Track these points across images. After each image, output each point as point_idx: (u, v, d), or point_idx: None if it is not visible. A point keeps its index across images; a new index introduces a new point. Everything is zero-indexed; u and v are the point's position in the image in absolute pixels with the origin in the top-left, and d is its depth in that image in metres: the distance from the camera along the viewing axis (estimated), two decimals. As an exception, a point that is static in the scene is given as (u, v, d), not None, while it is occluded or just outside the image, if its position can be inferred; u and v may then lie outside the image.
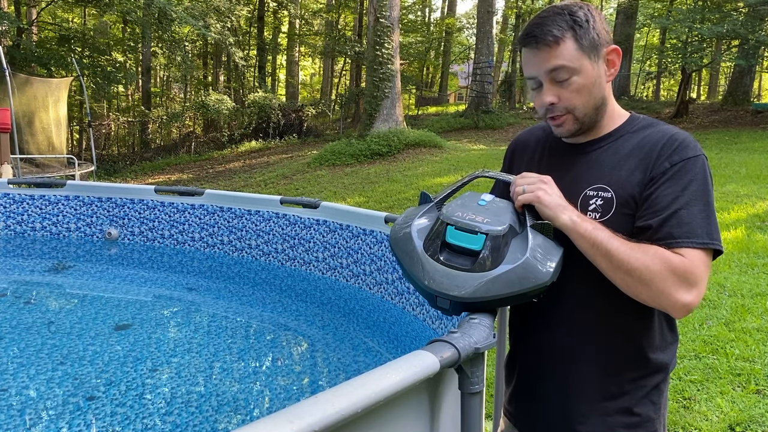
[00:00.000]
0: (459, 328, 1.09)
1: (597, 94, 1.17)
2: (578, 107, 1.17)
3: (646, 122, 1.22)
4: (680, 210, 1.08)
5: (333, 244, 4.03)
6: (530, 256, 1.11)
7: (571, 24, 1.15)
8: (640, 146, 1.17)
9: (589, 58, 1.15)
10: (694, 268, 1.06)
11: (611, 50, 1.17)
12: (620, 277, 1.09)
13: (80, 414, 2.29)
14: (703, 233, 1.07)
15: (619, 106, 1.25)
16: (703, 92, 30.36)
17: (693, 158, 1.12)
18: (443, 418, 1.10)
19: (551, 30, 1.14)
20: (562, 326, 1.23)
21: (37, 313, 3.36)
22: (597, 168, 1.19)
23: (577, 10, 1.16)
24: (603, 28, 1.17)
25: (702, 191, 1.10)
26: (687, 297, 1.05)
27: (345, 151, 12.96)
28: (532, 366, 1.31)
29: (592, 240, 1.09)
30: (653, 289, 1.06)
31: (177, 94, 28.71)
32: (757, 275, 4.50)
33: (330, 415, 0.77)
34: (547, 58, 1.15)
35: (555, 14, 1.16)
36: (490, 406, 2.30)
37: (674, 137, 1.15)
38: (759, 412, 2.70)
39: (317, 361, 3.07)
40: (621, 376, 1.19)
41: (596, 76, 1.16)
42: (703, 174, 1.12)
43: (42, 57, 17.93)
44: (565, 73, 1.15)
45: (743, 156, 10.30)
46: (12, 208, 4.77)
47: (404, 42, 25.07)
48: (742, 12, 15.55)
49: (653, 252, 1.07)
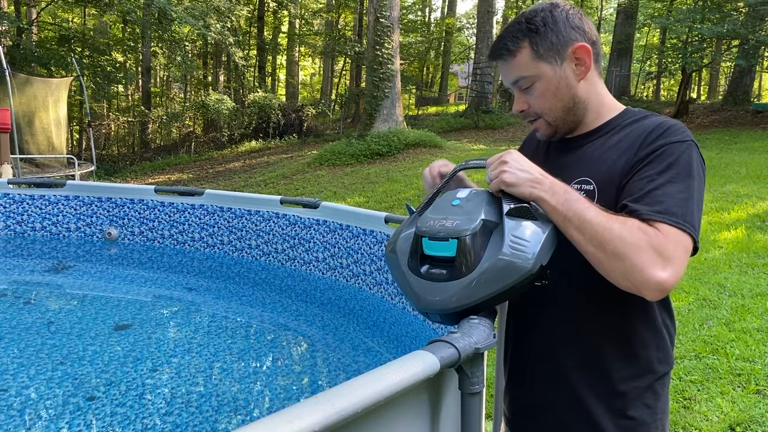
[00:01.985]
0: (459, 328, 1.09)
1: (564, 96, 1.17)
2: (546, 111, 1.19)
3: (639, 115, 1.19)
4: (655, 190, 1.04)
5: (333, 244, 4.03)
6: (506, 249, 1.04)
7: (526, 32, 1.15)
8: (628, 137, 1.14)
9: (548, 63, 1.15)
10: (669, 242, 1.00)
11: (576, 48, 1.15)
12: (593, 251, 1.02)
13: (80, 414, 2.29)
14: (679, 213, 1.02)
15: (613, 100, 1.23)
16: (703, 92, 30.36)
17: (678, 143, 1.08)
18: (443, 418, 1.10)
19: (506, 43, 1.17)
20: (548, 326, 1.22)
21: (37, 313, 3.36)
22: (584, 162, 1.18)
23: (535, 15, 1.16)
24: (570, 26, 1.15)
25: (684, 174, 1.05)
26: (662, 274, 0.98)
27: (345, 151, 12.96)
28: (520, 368, 1.31)
29: (566, 212, 1.04)
30: (626, 263, 0.99)
31: (177, 94, 28.71)
32: (757, 275, 4.50)
33: (330, 415, 0.77)
34: (508, 71, 1.19)
35: (513, 25, 1.17)
36: (490, 406, 2.30)
37: (662, 124, 1.12)
38: (759, 412, 2.70)
39: (317, 361, 3.07)
40: (611, 377, 1.16)
41: (560, 78, 1.16)
42: (688, 158, 1.07)
43: (42, 57, 17.93)
44: (525, 82, 1.17)
45: (743, 156, 10.30)
46: (12, 208, 4.77)
47: (404, 42, 25.07)
48: (742, 12, 15.55)
49: (630, 223, 1.01)
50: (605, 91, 1.22)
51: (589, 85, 1.18)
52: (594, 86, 1.19)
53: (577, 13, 1.17)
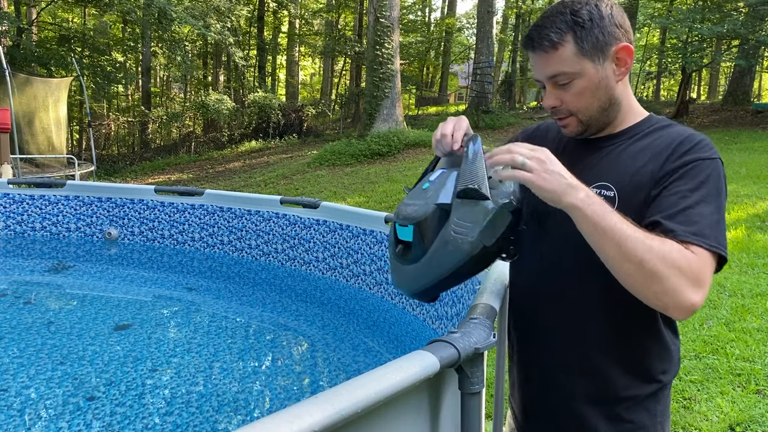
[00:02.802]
0: (459, 328, 1.09)
1: (602, 96, 1.13)
2: (581, 110, 1.14)
3: (663, 123, 1.17)
4: (689, 208, 1.02)
5: (333, 244, 4.03)
6: (449, 232, 1.05)
7: (572, 25, 1.09)
8: (653, 145, 1.12)
9: (591, 61, 1.10)
10: (704, 267, 0.99)
11: (620, 48, 1.11)
12: (629, 267, 0.98)
13: (80, 414, 2.29)
14: (712, 236, 1.00)
15: (638, 104, 1.20)
16: (703, 92, 30.36)
17: (708, 160, 1.06)
18: (443, 418, 1.10)
19: (548, 34, 1.10)
20: (551, 329, 1.22)
21: (37, 313, 3.36)
22: (605, 165, 1.15)
23: (581, 8, 1.10)
24: (614, 23, 1.11)
25: (714, 194, 1.04)
26: (695, 297, 0.98)
27: (345, 151, 12.96)
28: (523, 367, 1.31)
29: (604, 225, 0.98)
30: (665, 285, 0.96)
31: (177, 94, 28.71)
32: (757, 275, 4.50)
33: (330, 415, 0.77)
34: (546, 64, 1.12)
35: (556, 14, 1.11)
36: (490, 406, 2.30)
37: (691, 137, 1.10)
38: (759, 412, 2.70)
39: (317, 361, 3.07)
40: (612, 384, 1.16)
41: (600, 78, 1.11)
42: (717, 177, 1.06)
43: (42, 57, 17.93)
44: (564, 78, 1.12)
45: (743, 156, 10.30)
46: (12, 208, 4.77)
47: (404, 42, 25.06)
48: (742, 12, 15.56)
49: (669, 245, 0.98)
50: (631, 93, 1.20)
51: (625, 87, 1.16)
52: (626, 89, 1.17)
53: (620, 11, 1.13)
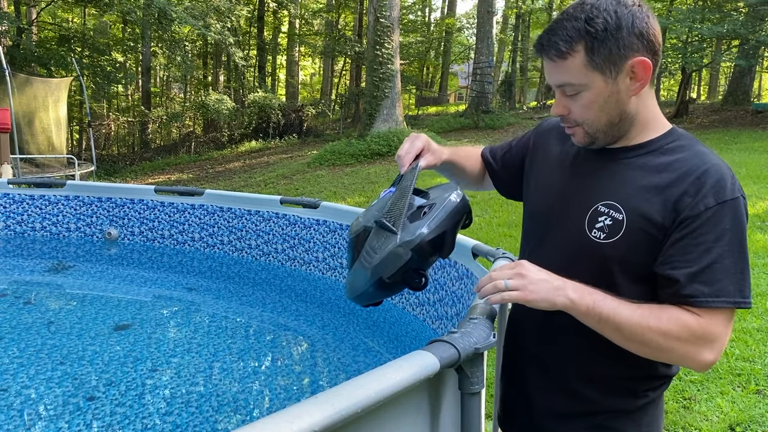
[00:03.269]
0: (459, 328, 1.09)
1: (612, 110, 1.06)
2: (587, 122, 1.08)
3: (682, 141, 1.09)
4: (713, 264, 0.98)
5: (333, 244, 4.03)
6: (361, 257, 1.15)
7: (584, 34, 1.01)
8: (672, 168, 1.04)
9: (602, 74, 1.03)
10: (713, 327, 0.98)
11: (636, 63, 1.02)
12: (635, 347, 1.02)
13: (80, 414, 2.29)
14: (735, 291, 0.99)
15: (661, 116, 1.12)
16: (703, 92, 30.36)
17: (730, 201, 1.00)
18: (443, 418, 1.10)
19: (557, 42, 1.03)
20: (533, 340, 1.21)
21: (37, 313, 3.36)
22: (617, 181, 1.09)
23: (597, 15, 1.01)
24: (634, 33, 1.01)
25: (738, 240, 1.00)
26: (709, 356, 0.99)
27: (345, 151, 12.96)
28: (509, 375, 1.30)
29: (597, 315, 1.01)
30: (673, 355, 1.01)
31: (177, 94, 28.71)
32: (757, 275, 4.50)
33: (330, 415, 0.77)
34: (554, 71, 1.07)
35: (569, 19, 1.03)
36: (490, 406, 2.30)
37: (708, 173, 1.02)
38: (759, 412, 2.70)
39: (317, 361, 3.07)
40: (599, 404, 1.14)
41: (611, 92, 1.04)
42: (740, 220, 1.01)
43: (42, 57, 17.93)
44: (571, 89, 1.07)
45: (743, 156, 10.30)
46: (12, 208, 4.77)
47: (404, 42, 25.06)
48: (742, 12, 15.56)
49: (667, 317, 0.99)
50: (655, 105, 1.10)
51: (641, 100, 1.07)
52: (645, 100, 1.08)
53: (644, 17, 1.02)
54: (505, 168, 1.39)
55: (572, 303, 1.02)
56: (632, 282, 1.06)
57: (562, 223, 1.15)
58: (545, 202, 1.20)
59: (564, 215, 1.14)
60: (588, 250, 1.08)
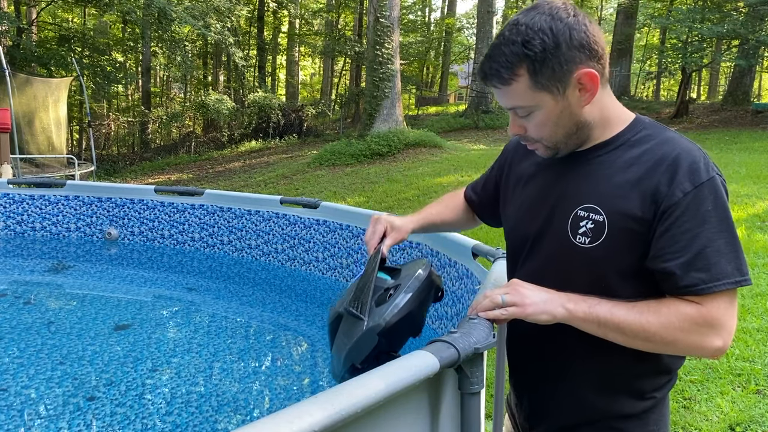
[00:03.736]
0: (459, 328, 1.09)
1: (566, 123, 1.06)
2: (544, 138, 1.09)
3: (648, 130, 1.08)
4: (705, 249, 0.97)
5: (333, 244, 4.03)
6: (334, 346, 1.19)
7: (524, 57, 1.00)
8: (642, 160, 1.04)
9: (549, 92, 1.02)
10: (714, 312, 0.98)
11: (582, 75, 1.01)
12: (640, 344, 1.02)
13: (80, 414, 2.29)
14: (734, 269, 0.98)
15: (621, 108, 1.12)
16: (703, 92, 30.36)
17: (707, 182, 0.99)
18: (443, 418, 1.10)
19: (499, 70, 1.03)
20: (539, 343, 1.19)
21: (37, 313, 3.36)
22: (591, 182, 1.08)
23: (533, 36, 0.99)
24: (574, 47, 1.00)
25: (723, 219, 0.99)
26: (717, 342, 0.98)
27: (345, 151, 12.95)
28: (515, 388, 1.30)
29: (596, 319, 1.02)
30: (679, 346, 1.00)
31: (177, 94, 28.71)
32: (757, 275, 4.50)
33: (330, 415, 0.77)
34: (502, 97, 1.07)
35: (507, 44, 1.01)
36: (490, 406, 2.30)
37: (679, 158, 1.01)
38: (759, 412, 2.70)
39: (317, 361, 3.07)
40: (604, 410, 1.14)
41: (562, 108, 1.04)
42: (722, 199, 0.99)
43: (42, 57, 17.93)
44: (523, 111, 1.07)
45: (743, 156, 10.30)
46: (12, 208, 4.77)
47: (404, 42, 25.06)
48: (742, 12, 15.56)
49: (666, 310, 0.99)
50: (612, 100, 1.10)
51: (595, 105, 1.07)
52: (600, 102, 1.07)
53: (581, 26, 1.01)
54: (488, 198, 1.40)
55: (570, 312, 1.03)
56: (626, 280, 1.05)
57: (547, 235, 1.14)
58: (525, 217, 1.20)
59: (547, 226, 1.14)
60: (576, 257, 1.08)
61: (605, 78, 1.06)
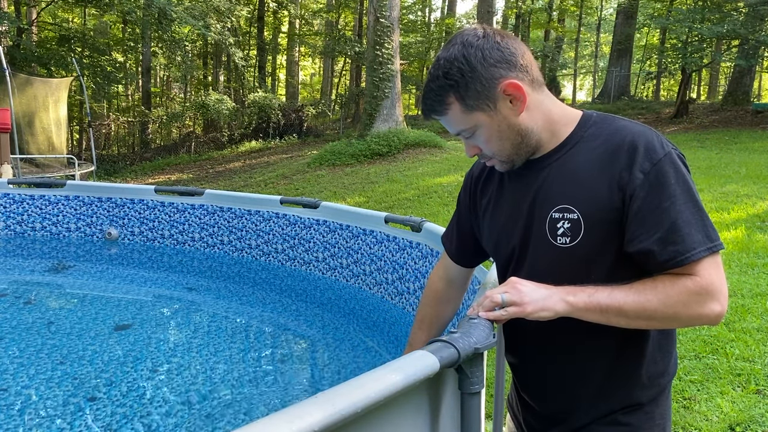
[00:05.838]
0: (459, 328, 1.09)
1: (510, 134, 1.11)
2: (496, 153, 1.14)
3: (598, 124, 1.12)
4: (675, 222, 1.01)
5: (333, 244, 4.03)
6: None
7: (448, 88, 1.09)
8: (599, 156, 1.08)
9: (482, 111, 1.09)
10: (709, 278, 1.01)
11: (505, 86, 1.07)
12: (644, 324, 1.05)
13: (80, 414, 2.29)
14: (704, 237, 1.01)
15: (565, 109, 1.16)
16: (703, 92, 30.36)
17: (664, 158, 1.03)
18: (443, 418, 1.10)
19: (432, 105, 1.12)
20: (543, 339, 1.20)
21: (37, 313, 3.36)
22: (558, 184, 1.11)
23: (451, 66, 1.07)
24: (490, 64, 1.07)
25: (686, 191, 1.03)
26: (716, 307, 1.02)
27: (345, 151, 12.95)
28: (520, 377, 1.31)
29: (597, 307, 1.04)
30: (682, 319, 1.03)
31: (177, 94, 28.71)
32: (757, 275, 4.50)
33: (330, 415, 0.77)
34: (446, 125, 1.16)
35: (433, 80, 1.11)
36: (490, 406, 2.30)
37: (634, 142, 1.05)
38: (759, 412, 2.70)
39: (317, 361, 3.07)
40: (611, 392, 1.15)
41: (499, 121, 1.10)
42: (681, 172, 1.04)
43: (42, 57, 17.94)
44: (467, 132, 1.14)
45: (743, 156, 10.30)
46: (12, 208, 4.77)
47: (404, 42, 25.07)
48: (742, 12, 15.55)
49: (662, 287, 1.02)
50: (553, 102, 1.14)
51: (532, 110, 1.11)
52: (540, 107, 1.12)
53: (491, 45, 1.07)
54: (466, 236, 1.37)
55: (571, 305, 1.05)
56: (615, 271, 1.08)
57: (529, 244, 1.16)
58: (504, 233, 1.21)
59: (527, 235, 1.16)
60: (563, 259, 1.10)
61: (536, 82, 1.11)
